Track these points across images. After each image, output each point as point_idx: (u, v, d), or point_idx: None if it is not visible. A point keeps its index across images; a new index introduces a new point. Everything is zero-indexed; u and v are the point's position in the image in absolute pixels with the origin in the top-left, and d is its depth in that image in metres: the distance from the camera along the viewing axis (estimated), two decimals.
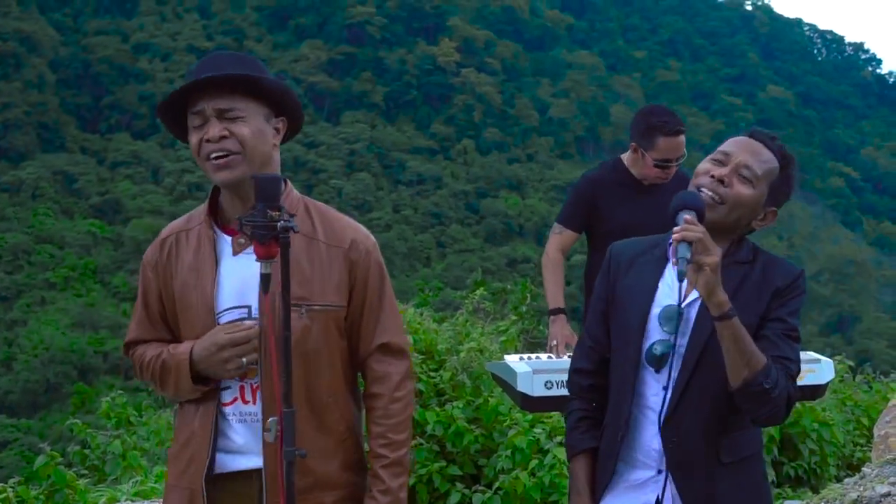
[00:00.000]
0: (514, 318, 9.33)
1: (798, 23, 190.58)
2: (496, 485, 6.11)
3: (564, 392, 4.34)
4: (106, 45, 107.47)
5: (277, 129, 2.86)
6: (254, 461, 2.78)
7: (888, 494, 5.32)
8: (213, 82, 2.73)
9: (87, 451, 7.73)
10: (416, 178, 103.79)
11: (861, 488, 5.57)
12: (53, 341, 59.85)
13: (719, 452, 2.77)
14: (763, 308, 2.76)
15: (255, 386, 2.79)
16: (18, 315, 66.76)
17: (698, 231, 2.56)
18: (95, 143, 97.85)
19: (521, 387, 4.33)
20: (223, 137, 2.72)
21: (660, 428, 2.75)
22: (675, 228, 2.59)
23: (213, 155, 2.73)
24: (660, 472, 2.78)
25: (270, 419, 2.57)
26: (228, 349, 2.72)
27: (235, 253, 2.82)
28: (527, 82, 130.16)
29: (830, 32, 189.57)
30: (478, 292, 9.81)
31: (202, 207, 2.92)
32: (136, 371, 2.96)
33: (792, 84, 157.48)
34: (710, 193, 2.76)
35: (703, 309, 2.70)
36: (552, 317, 5.20)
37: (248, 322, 2.76)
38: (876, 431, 6.52)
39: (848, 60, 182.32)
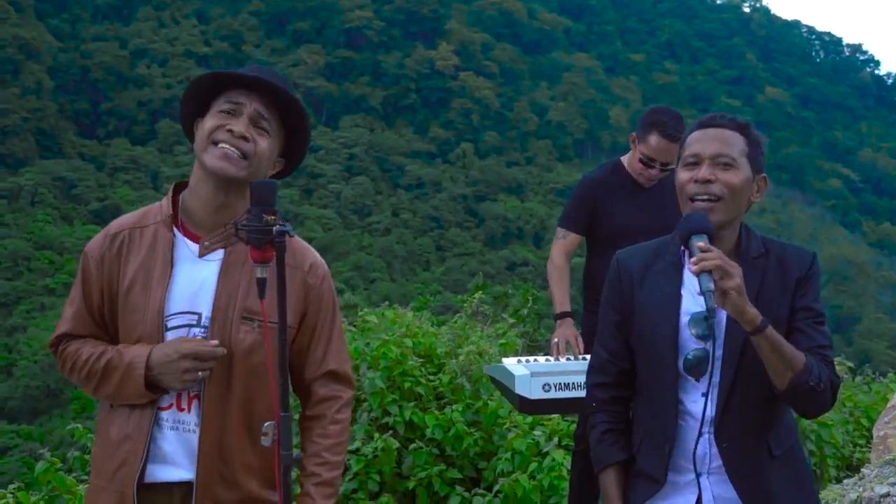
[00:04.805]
0: (511, 321, 9.29)
1: (796, 24, 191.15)
2: (496, 488, 6.09)
3: (562, 395, 4.37)
4: (104, 51, 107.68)
5: (274, 165, 2.87)
6: (180, 473, 2.71)
7: (887, 495, 5.32)
8: (271, 88, 2.76)
9: (87, 457, 7.72)
10: (415, 181, 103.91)
11: (860, 489, 5.57)
12: None
13: (770, 447, 2.81)
14: (789, 300, 2.78)
15: (192, 394, 2.72)
16: (18, 321, 66.62)
17: (714, 258, 2.55)
18: (94, 148, 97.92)
19: (520, 390, 4.32)
20: (243, 138, 2.72)
21: (712, 434, 2.77)
22: (692, 259, 2.58)
23: (224, 146, 2.71)
24: (699, 474, 2.80)
25: (267, 423, 2.55)
26: (190, 360, 2.64)
27: (201, 255, 2.74)
28: (525, 85, 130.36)
29: (829, 34, 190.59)
30: (477, 295, 9.78)
31: (158, 206, 2.84)
32: (63, 366, 2.82)
33: (790, 86, 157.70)
34: (704, 198, 2.75)
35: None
36: (559, 320, 5.21)
37: (213, 342, 2.68)
38: (875, 432, 6.52)
39: (846, 62, 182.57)
